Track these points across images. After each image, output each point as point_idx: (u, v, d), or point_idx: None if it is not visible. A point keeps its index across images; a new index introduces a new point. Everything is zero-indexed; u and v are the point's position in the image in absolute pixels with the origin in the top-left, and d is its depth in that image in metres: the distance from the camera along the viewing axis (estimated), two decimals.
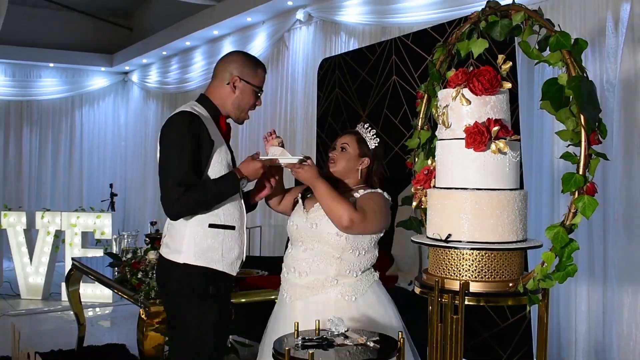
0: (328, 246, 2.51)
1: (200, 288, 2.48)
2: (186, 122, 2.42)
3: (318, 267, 2.52)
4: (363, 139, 2.66)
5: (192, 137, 2.40)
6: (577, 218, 1.88)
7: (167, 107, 9.54)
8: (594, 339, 3.96)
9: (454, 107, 2.06)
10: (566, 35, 1.92)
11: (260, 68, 2.62)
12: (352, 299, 2.52)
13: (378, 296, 2.59)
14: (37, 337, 5.36)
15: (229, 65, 2.57)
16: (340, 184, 2.65)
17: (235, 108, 2.58)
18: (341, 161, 2.62)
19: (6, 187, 9.99)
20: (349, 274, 2.53)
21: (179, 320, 2.55)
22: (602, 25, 3.93)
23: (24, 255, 7.08)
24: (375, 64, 4.65)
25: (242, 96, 2.56)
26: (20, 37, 9.57)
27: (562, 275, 1.93)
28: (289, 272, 2.59)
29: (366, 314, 2.52)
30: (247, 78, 2.56)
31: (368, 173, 2.67)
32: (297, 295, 2.55)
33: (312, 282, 2.52)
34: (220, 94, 2.56)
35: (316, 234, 2.52)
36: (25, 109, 10.17)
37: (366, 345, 2.12)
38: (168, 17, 8.75)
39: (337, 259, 2.51)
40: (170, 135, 2.43)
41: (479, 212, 1.98)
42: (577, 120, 1.89)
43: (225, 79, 2.55)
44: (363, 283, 2.56)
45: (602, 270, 3.90)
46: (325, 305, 2.50)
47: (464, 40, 2.25)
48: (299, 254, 2.57)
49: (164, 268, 2.58)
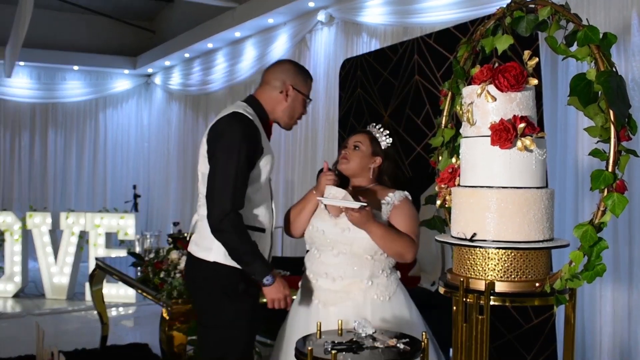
0: (361, 249, 2.51)
1: (230, 286, 2.48)
2: (244, 125, 2.44)
3: (353, 270, 2.51)
4: (375, 138, 2.68)
5: (248, 140, 2.42)
6: (607, 216, 1.84)
7: (189, 108, 9.60)
8: (619, 340, 3.90)
9: (479, 104, 2.03)
10: (595, 29, 1.89)
11: (310, 78, 2.68)
12: (387, 298, 2.54)
13: (405, 294, 2.62)
14: (62, 337, 5.41)
15: (282, 73, 2.60)
16: (352, 181, 2.65)
17: (286, 115, 2.62)
18: (355, 159, 2.63)
19: (31, 188, 10.12)
20: (381, 274, 2.54)
21: (209, 318, 2.56)
22: (627, 23, 3.87)
23: (49, 255, 7.16)
24: (397, 64, 4.61)
25: (294, 104, 2.60)
26: (45, 40, 9.69)
27: (590, 274, 1.89)
28: (320, 278, 2.57)
29: (398, 314, 2.53)
30: (299, 87, 2.60)
31: (380, 172, 2.67)
32: (331, 301, 2.53)
33: (348, 285, 2.52)
34: (272, 100, 2.59)
35: (348, 238, 2.51)
36: (50, 111, 10.29)
37: (396, 347, 2.10)
38: (190, 19, 8.79)
39: (370, 260, 2.52)
40: (227, 136, 2.42)
41: (504, 211, 1.95)
42: (606, 116, 1.85)
43: (278, 86, 2.58)
44: (392, 282, 2.57)
45: (627, 270, 3.84)
46: (361, 307, 2.50)
47: (488, 36, 2.22)
48: (330, 259, 2.55)
49: (194, 266, 2.59)
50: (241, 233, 2.40)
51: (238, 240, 2.39)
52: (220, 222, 2.37)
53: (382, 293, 2.53)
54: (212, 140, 2.47)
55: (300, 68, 2.67)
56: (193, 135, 9.42)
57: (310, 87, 2.67)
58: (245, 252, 2.40)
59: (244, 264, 2.42)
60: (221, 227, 2.38)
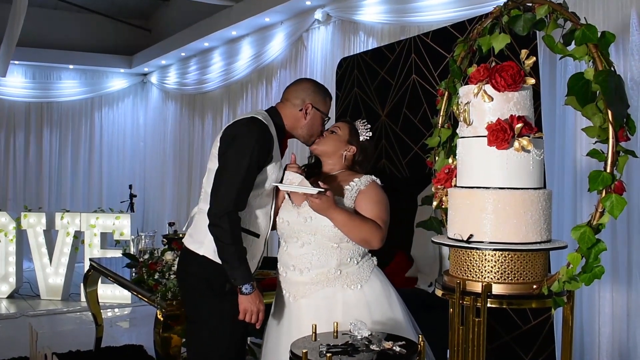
0: (325, 238, 2.48)
1: (217, 283, 2.50)
2: (259, 130, 2.49)
3: (319, 260, 2.49)
4: (355, 129, 2.69)
5: (261, 145, 2.47)
6: (605, 218, 1.82)
7: (185, 107, 9.56)
8: (617, 341, 3.87)
9: (476, 104, 2.01)
10: (592, 28, 1.86)
11: (328, 97, 2.72)
12: (358, 287, 2.50)
13: (381, 281, 2.58)
14: (57, 338, 5.38)
15: (302, 92, 2.66)
16: (323, 166, 2.67)
17: (305, 133, 2.66)
18: (328, 141, 2.65)
19: (26, 188, 10.06)
20: (350, 262, 2.51)
21: (196, 314, 2.59)
22: (626, 21, 3.84)
23: (44, 255, 7.12)
24: (394, 63, 4.59)
25: (312, 122, 2.65)
26: (40, 39, 9.64)
27: (588, 277, 1.87)
28: (288, 270, 2.55)
29: (372, 301, 2.50)
30: (318, 105, 2.65)
31: (353, 162, 2.67)
32: (301, 294, 2.51)
33: (316, 277, 2.49)
34: (292, 117, 2.64)
35: (311, 227, 2.49)
36: (46, 110, 10.23)
37: (392, 350, 2.08)
38: (186, 18, 8.76)
39: (337, 249, 2.49)
40: (241, 138, 2.47)
41: (501, 212, 1.93)
42: (604, 116, 1.83)
43: (298, 104, 2.63)
44: (365, 269, 2.54)
45: (626, 271, 3.82)
46: (332, 298, 2.48)
47: (485, 35, 2.19)
48: (296, 250, 2.54)
49: (184, 257, 2.65)
50: (235, 234, 2.42)
51: (230, 240, 2.41)
52: (219, 218, 2.41)
53: (353, 282, 2.50)
54: (226, 139, 2.52)
55: (319, 87, 2.72)
56: (189, 134, 9.39)
57: (329, 105, 2.72)
58: (232, 253, 2.42)
59: (228, 265, 2.43)
60: (219, 222, 2.41)
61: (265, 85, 7.53)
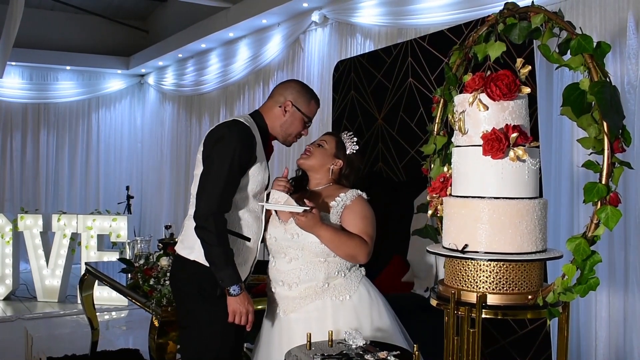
0: (312, 254, 2.51)
1: (208, 289, 2.49)
2: (241, 132, 2.50)
3: (307, 275, 2.52)
4: (342, 143, 2.70)
5: (242, 146, 2.47)
6: (600, 229, 1.81)
7: (183, 109, 9.54)
8: (614, 345, 3.87)
9: (471, 113, 2.00)
10: (588, 38, 1.85)
11: (314, 100, 2.70)
12: (347, 297, 2.53)
13: (369, 291, 2.60)
14: (53, 341, 5.37)
15: (286, 90, 2.66)
16: (310, 180, 2.67)
17: (283, 131, 2.66)
18: (315, 156, 2.64)
19: (23, 189, 10.03)
20: (337, 275, 2.54)
21: (188, 319, 2.59)
22: (622, 25, 3.83)
23: (41, 257, 7.10)
24: (391, 66, 4.58)
25: (291, 121, 2.64)
26: (37, 40, 9.61)
27: (583, 288, 1.86)
28: (277, 285, 2.58)
29: (361, 311, 2.52)
30: (299, 105, 2.64)
31: (340, 175, 2.68)
32: (291, 308, 2.54)
33: (304, 291, 2.52)
34: (272, 114, 2.65)
35: (298, 243, 2.51)
36: (43, 111, 10.20)
37: None
38: (184, 19, 8.74)
39: (324, 263, 2.51)
40: (224, 140, 2.48)
41: (497, 222, 1.92)
42: (599, 127, 1.81)
43: (279, 101, 2.64)
44: (353, 280, 2.56)
45: (623, 276, 3.81)
46: (321, 310, 2.51)
47: (481, 43, 2.18)
48: (284, 265, 2.56)
49: (176, 263, 2.67)
50: (221, 236, 2.43)
51: (216, 241, 2.41)
52: (205, 220, 2.42)
53: (341, 292, 2.52)
54: (209, 143, 2.53)
55: (305, 88, 2.71)
56: (186, 135, 9.37)
57: (313, 109, 2.69)
58: (218, 255, 2.42)
59: (215, 267, 2.43)
60: (204, 224, 2.42)
61: (262, 87, 7.52)
